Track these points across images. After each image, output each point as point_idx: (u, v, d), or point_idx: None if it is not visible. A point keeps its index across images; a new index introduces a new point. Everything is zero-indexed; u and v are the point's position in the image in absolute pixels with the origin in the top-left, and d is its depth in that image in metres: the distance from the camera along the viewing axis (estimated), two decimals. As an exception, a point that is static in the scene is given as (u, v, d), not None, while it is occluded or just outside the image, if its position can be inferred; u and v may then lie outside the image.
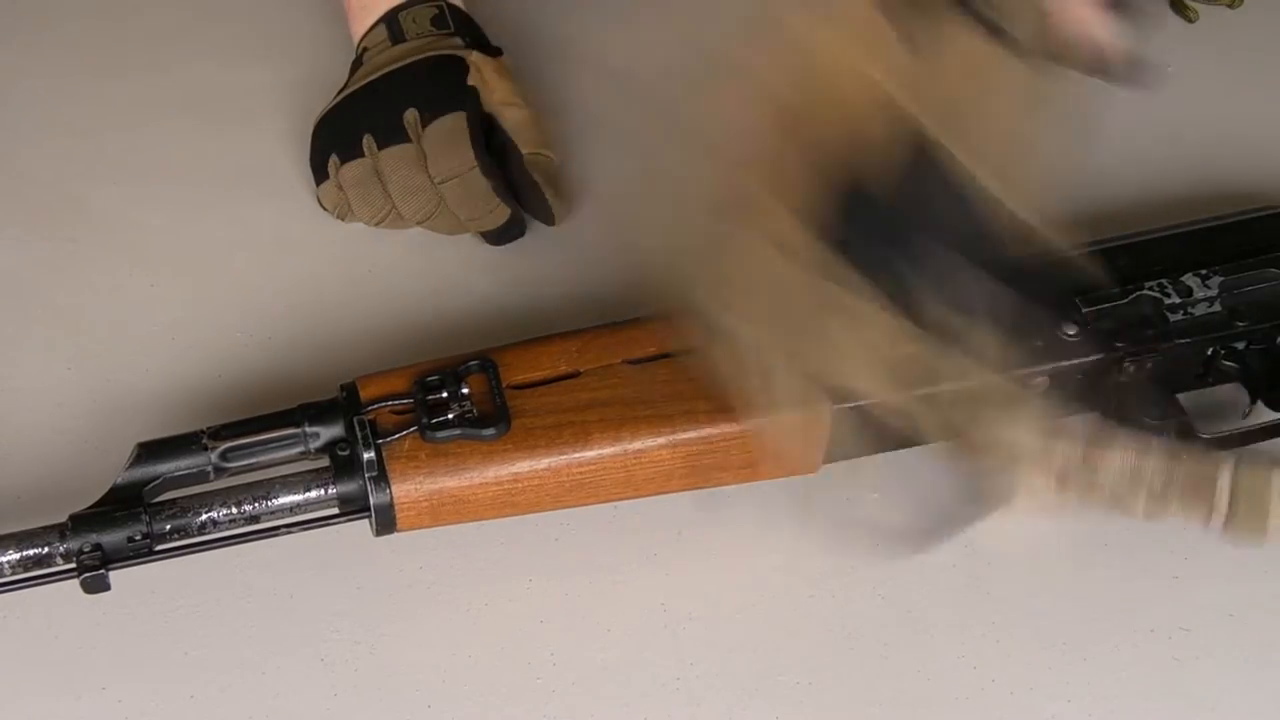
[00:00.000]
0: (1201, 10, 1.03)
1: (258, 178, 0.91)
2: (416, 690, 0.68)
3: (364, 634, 0.70)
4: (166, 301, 0.84)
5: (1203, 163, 0.93)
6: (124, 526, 0.66)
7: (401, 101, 0.85)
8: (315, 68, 0.96)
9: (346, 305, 0.84)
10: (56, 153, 0.92)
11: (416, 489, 0.68)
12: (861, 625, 0.71)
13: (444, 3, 0.89)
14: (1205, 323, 0.76)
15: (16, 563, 0.65)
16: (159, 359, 0.81)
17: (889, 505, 0.73)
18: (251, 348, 0.82)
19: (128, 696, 0.68)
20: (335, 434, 0.69)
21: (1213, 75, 1.00)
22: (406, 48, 0.87)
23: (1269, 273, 0.77)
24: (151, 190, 0.90)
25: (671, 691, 0.68)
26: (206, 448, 0.68)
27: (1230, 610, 0.72)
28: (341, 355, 0.80)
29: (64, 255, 0.86)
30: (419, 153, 0.84)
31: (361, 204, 0.85)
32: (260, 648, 0.70)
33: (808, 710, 0.68)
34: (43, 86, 0.96)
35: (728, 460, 0.70)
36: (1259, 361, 0.77)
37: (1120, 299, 0.76)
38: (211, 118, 0.94)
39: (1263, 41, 1.02)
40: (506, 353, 0.72)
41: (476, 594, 0.72)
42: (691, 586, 0.72)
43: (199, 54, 0.99)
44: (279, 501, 0.68)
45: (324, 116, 0.88)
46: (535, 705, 0.68)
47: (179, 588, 0.71)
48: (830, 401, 0.71)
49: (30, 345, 0.82)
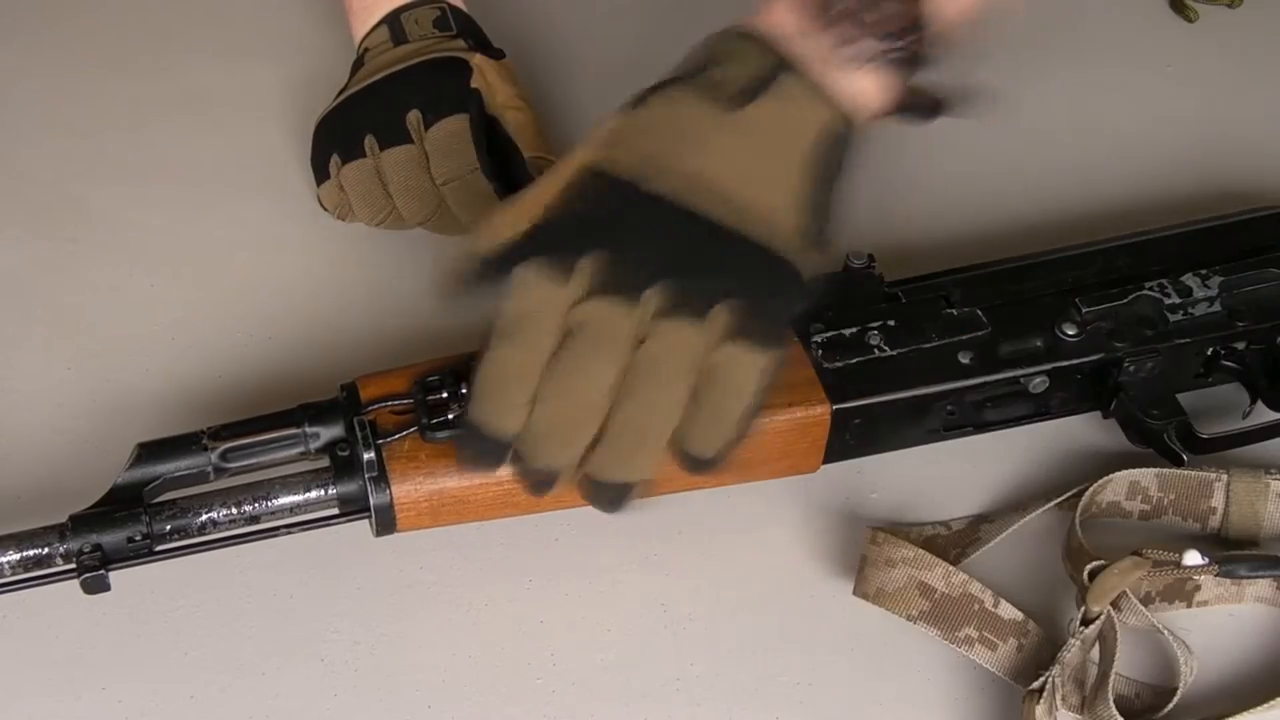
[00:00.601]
0: (1201, 10, 1.03)
1: (258, 178, 0.91)
2: (416, 690, 0.68)
3: (364, 634, 0.70)
4: (166, 301, 0.84)
5: (1203, 163, 0.93)
6: (124, 527, 0.66)
7: (404, 102, 0.84)
8: (315, 68, 0.96)
9: (346, 305, 0.84)
10: (56, 153, 0.92)
11: (417, 489, 0.68)
12: (861, 625, 0.71)
13: (446, 4, 0.89)
14: (1205, 323, 0.76)
15: (16, 563, 0.65)
16: (159, 359, 0.81)
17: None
18: (251, 348, 0.82)
19: (128, 696, 0.68)
20: (335, 434, 0.69)
21: (1213, 75, 1.00)
22: (409, 49, 0.87)
23: (1269, 273, 0.78)
24: (151, 190, 0.90)
25: (671, 691, 0.68)
26: (206, 448, 0.68)
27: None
28: (341, 355, 0.80)
29: (64, 255, 0.86)
30: (421, 154, 0.84)
31: (362, 204, 0.85)
32: (260, 648, 0.70)
33: (808, 710, 0.68)
34: (43, 86, 0.96)
35: (728, 460, 0.70)
36: (1259, 361, 0.77)
37: (1120, 299, 0.76)
38: (211, 118, 0.94)
39: (1263, 41, 1.02)
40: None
41: (476, 594, 0.72)
42: (691, 586, 0.72)
43: (199, 54, 0.99)
44: (279, 502, 0.68)
45: (325, 116, 0.88)
46: (535, 705, 0.68)
47: (179, 588, 0.71)
48: (830, 402, 0.71)
49: (30, 345, 0.82)
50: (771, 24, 0.65)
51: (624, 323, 0.61)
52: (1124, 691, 0.66)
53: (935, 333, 0.74)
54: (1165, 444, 0.73)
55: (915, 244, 0.87)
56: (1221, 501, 0.73)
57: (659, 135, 0.64)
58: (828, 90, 0.64)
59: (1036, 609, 0.70)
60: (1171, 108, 0.97)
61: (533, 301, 0.62)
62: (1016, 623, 0.68)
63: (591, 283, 0.61)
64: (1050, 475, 0.77)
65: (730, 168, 0.63)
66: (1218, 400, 0.79)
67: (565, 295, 0.62)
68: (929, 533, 0.74)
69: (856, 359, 0.73)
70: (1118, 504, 0.74)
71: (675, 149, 0.64)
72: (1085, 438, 0.78)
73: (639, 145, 0.64)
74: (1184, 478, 0.73)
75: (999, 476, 0.77)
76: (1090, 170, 0.93)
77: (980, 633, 0.68)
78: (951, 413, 0.75)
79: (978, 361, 0.74)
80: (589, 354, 0.61)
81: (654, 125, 0.64)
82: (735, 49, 0.65)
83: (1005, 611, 0.68)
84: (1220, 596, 0.71)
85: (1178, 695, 0.66)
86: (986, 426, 0.76)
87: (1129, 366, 0.75)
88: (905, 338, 0.74)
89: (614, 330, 0.61)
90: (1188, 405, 0.75)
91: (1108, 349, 0.75)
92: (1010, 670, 0.68)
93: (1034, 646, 0.68)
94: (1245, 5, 1.04)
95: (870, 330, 0.74)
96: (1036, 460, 0.77)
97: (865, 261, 0.77)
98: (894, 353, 0.73)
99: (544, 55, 0.96)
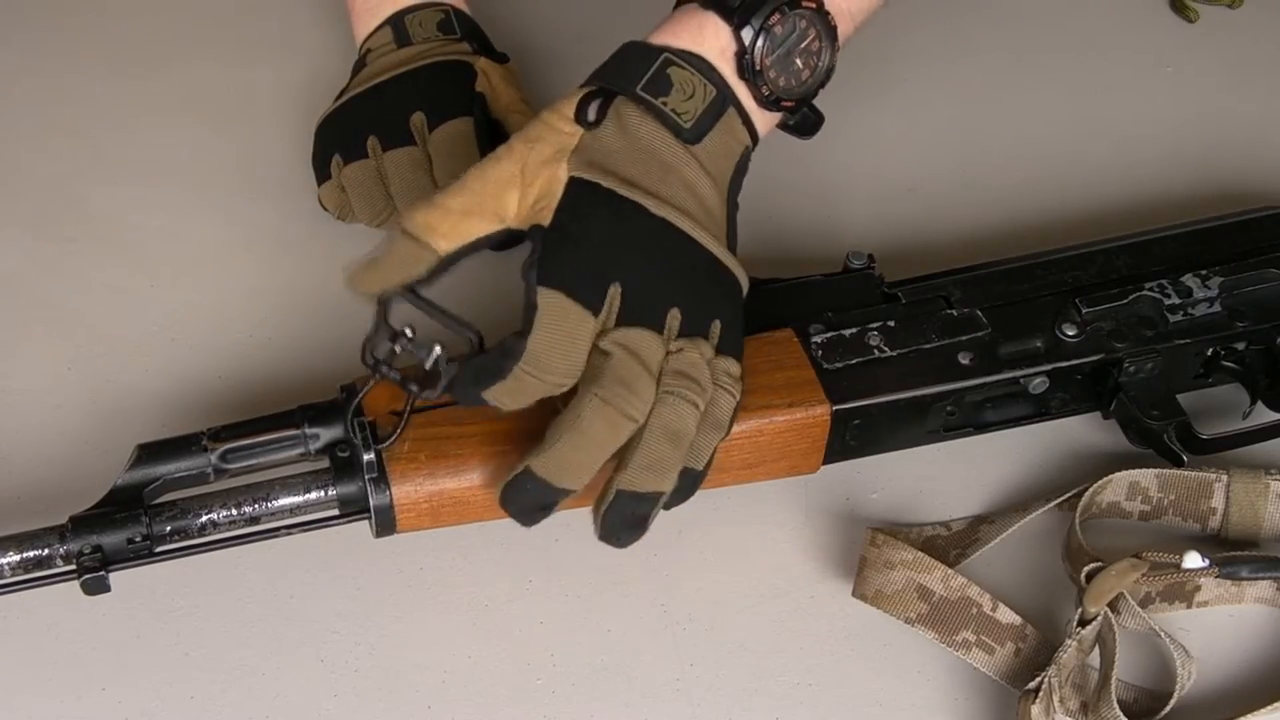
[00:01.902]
0: (1201, 10, 1.03)
1: (258, 178, 0.91)
2: (416, 690, 0.68)
3: (364, 634, 0.70)
4: (166, 301, 0.84)
5: (1203, 163, 0.93)
6: (124, 528, 0.66)
7: (409, 104, 0.85)
8: (316, 68, 0.96)
9: (347, 305, 0.83)
10: (56, 153, 0.92)
11: (416, 490, 0.68)
12: (861, 625, 0.71)
13: (450, 7, 0.89)
14: (1205, 323, 0.76)
15: (17, 564, 0.65)
16: (159, 359, 0.81)
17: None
18: (251, 348, 0.82)
19: (128, 697, 0.68)
20: (335, 435, 0.69)
21: (1213, 75, 1.00)
22: (413, 51, 0.87)
23: (1269, 273, 0.78)
24: (151, 190, 0.90)
25: (672, 692, 0.68)
26: (207, 449, 0.68)
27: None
28: (341, 355, 0.80)
29: (64, 255, 0.86)
30: (424, 156, 0.84)
31: (363, 204, 0.85)
32: (260, 648, 0.70)
33: (808, 710, 0.68)
34: (43, 86, 0.96)
35: (728, 460, 0.70)
36: (1259, 361, 0.77)
37: (1120, 299, 0.76)
38: (212, 118, 0.94)
39: (1263, 41, 1.02)
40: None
41: (476, 594, 0.72)
42: (691, 587, 0.72)
43: (199, 54, 0.99)
44: (279, 503, 0.68)
45: (328, 116, 0.88)
46: (535, 706, 0.68)
47: (179, 588, 0.71)
48: (829, 403, 0.71)
49: (30, 345, 0.82)
50: (706, 51, 0.68)
51: (657, 348, 0.65)
52: (1123, 696, 0.66)
53: (935, 333, 0.74)
54: (1165, 444, 0.73)
55: (915, 244, 0.87)
56: (1221, 502, 0.73)
57: (634, 162, 0.67)
58: (752, 123, 0.70)
59: (1036, 611, 0.70)
60: (1171, 108, 0.97)
61: (579, 345, 0.64)
62: (1015, 627, 0.68)
63: (620, 313, 0.65)
64: (1050, 476, 0.77)
65: (693, 199, 0.68)
66: (1218, 400, 0.79)
67: (597, 326, 0.65)
68: (929, 533, 0.74)
69: (856, 360, 0.73)
70: (1118, 504, 0.74)
71: (653, 177, 0.67)
72: (1085, 438, 0.78)
73: (623, 169, 0.67)
74: (1184, 478, 0.73)
75: (999, 477, 0.77)
76: (1090, 170, 0.93)
77: (978, 636, 0.68)
78: (951, 413, 0.75)
79: (978, 362, 0.74)
80: (637, 380, 0.64)
81: (626, 150, 0.67)
82: (683, 79, 0.68)
83: (1004, 616, 0.68)
84: (1220, 597, 0.71)
85: (1173, 700, 0.66)
86: (986, 427, 0.76)
87: (1129, 367, 0.75)
88: (905, 338, 0.74)
89: (650, 357, 0.65)
90: (1188, 405, 0.75)
91: (1108, 349, 0.75)
92: (1007, 674, 0.68)
93: (1032, 650, 0.68)
94: (1245, 5, 1.04)
95: (870, 331, 0.74)
96: (1036, 461, 0.77)
97: (865, 261, 0.77)
98: (894, 353, 0.73)
99: (544, 57, 0.96)
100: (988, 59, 1.00)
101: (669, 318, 0.66)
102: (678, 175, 0.67)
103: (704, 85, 0.68)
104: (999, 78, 0.99)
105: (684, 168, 0.67)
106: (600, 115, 0.68)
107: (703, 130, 0.68)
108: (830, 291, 0.76)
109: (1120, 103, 0.98)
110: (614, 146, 0.67)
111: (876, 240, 0.78)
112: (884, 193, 0.88)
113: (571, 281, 0.65)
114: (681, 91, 0.67)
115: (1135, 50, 1.01)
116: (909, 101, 0.97)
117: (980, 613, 0.68)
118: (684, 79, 0.68)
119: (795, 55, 0.69)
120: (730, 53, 0.68)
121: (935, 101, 0.97)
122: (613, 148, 0.67)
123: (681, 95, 0.67)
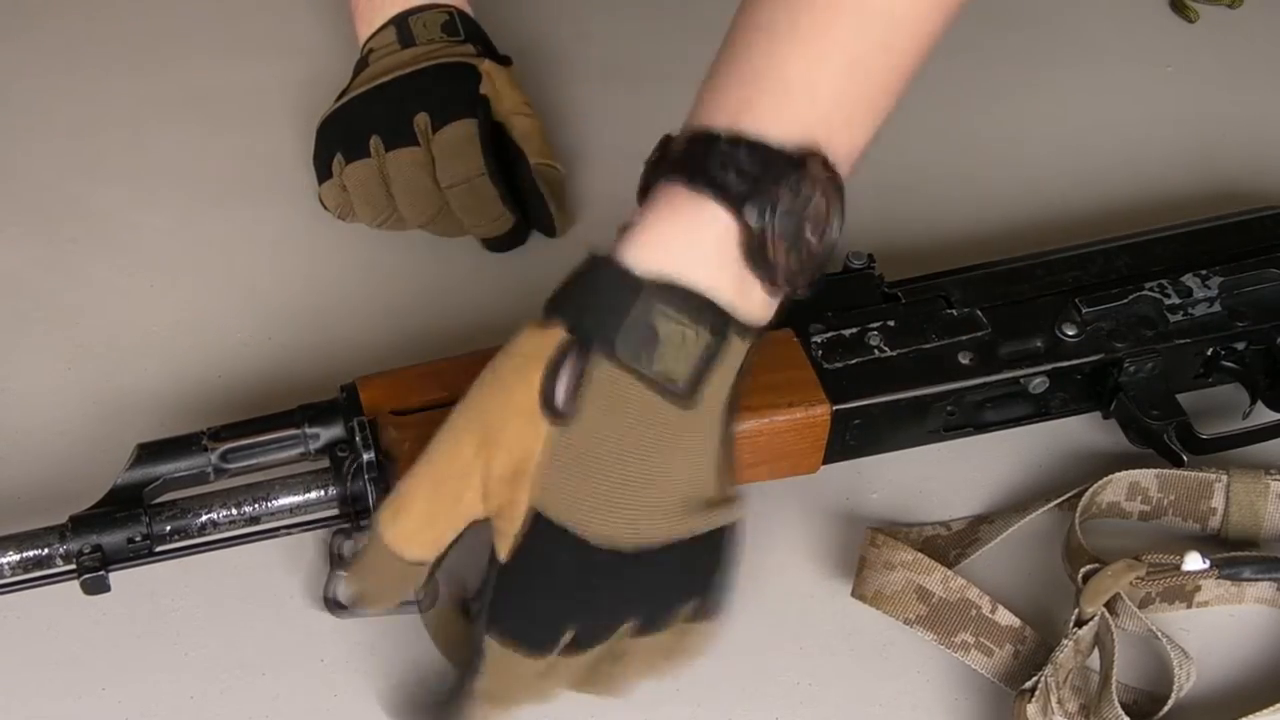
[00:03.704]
0: (1201, 10, 1.03)
1: (258, 178, 0.91)
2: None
3: (364, 634, 0.70)
4: (166, 301, 0.84)
5: (1203, 163, 0.93)
6: (124, 527, 0.66)
7: (412, 105, 0.85)
8: (317, 68, 0.96)
9: (346, 305, 0.84)
10: (56, 153, 0.92)
11: (416, 490, 0.68)
12: (861, 625, 0.71)
13: (454, 9, 0.89)
14: (1205, 323, 0.76)
15: (16, 564, 0.65)
16: (159, 359, 0.81)
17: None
18: (251, 348, 0.82)
19: (128, 697, 0.68)
20: (335, 435, 0.69)
21: (1213, 75, 1.00)
22: (417, 52, 0.87)
23: (1269, 273, 0.78)
24: (151, 190, 0.90)
25: (672, 691, 0.68)
26: (207, 449, 0.68)
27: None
28: (341, 355, 0.80)
29: (64, 255, 0.86)
30: (427, 156, 0.84)
31: (364, 204, 0.85)
32: (260, 648, 0.70)
33: (807, 710, 0.68)
34: (43, 86, 0.96)
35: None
36: (1259, 361, 0.77)
37: (1120, 299, 0.76)
38: (212, 118, 0.94)
39: (1263, 41, 1.02)
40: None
41: (476, 594, 0.72)
42: (691, 587, 0.72)
43: (199, 54, 0.99)
44: (279, 502, 0.68)
45: (330, 116, 0.88)
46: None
47: (179, 588, 0.71)
48: (830, 402, 0.71)
49: (30, 345, 0.82)
50: (703, 256, 0.58)
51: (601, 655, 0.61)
52: (1123, 699, 0.66)
53: (935, 333, 0.74)
54: (1165, 444, 0.73)
55: (915, 244, 0.87)
56: (1221, 502, 0.73)
57: (615, 467, 0.58)
58: (753, 329, 0.60)
59: (1035, 612, 0.70)
60: (1171, 108, 0.97)
61: (527, 683, 0.61)
62: (1013, 629, 0.68)
63: (571, 643, 0.60)
64: (1050, 476, 0.77)
65: (693, 466, 0.59)
66: (1218, 400, 0.79)
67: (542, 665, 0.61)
68: (928, 533, 0.74)
69: (856, 359, 0.73)
70: (1118, 505, 0.74)
71: (634, 484, 0.58)
72: (1085, 438, 0.78)
73: (597, 489, 0.58)
74: (1184, 478, 0.73)
75: (999, 477, 0.77)
76: (1090, 170, 0.93)
77: (977, 638, 0.68)
78: (951, 413, 0.75)
79: (978, 362, 0.74)
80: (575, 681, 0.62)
81: (604, 450, 0.58)
82: (671, 331, 0.57)
83: (1002, 618, 0.68)
84: (1221, 597, 0.71)
85: (1170, 702, 0.66)
86: (986, 427, 0.76)
87: (1129, 367, 0.75)
88: (905, 338, 0.74)
89: (593, 657, 0.61)
90: (1188, 405, 0.75)
91: (1108, 349, 0.75)
92: (1006, 676, 0.68)
93: (1030, 652, 0.68)
94: (1245, 5, 1.04)
95: (870, 331, 0.74)
96: (1036, 461, 0.77)
97: (865, 261, 0.77)
98: (894, 353, 0.73)
99: (544, 59, 0.96)
100: (988, 59, 1.00)
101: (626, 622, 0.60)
102: (670, 451, 0.59)
103: (695, 333, 0.57)
104: (999, 77, 0.99)
105: (678, 441, 0.58)
106: (572, 389, 0.58)
107: (698, 380, 0.58)
108: (830, 291, 0.76)
109: (1120, 103, 0.98)
110: (586, 448, 0.58)
111: (876, 240, 0.78)
112: (884, 193, 0.88)
113: (523, 633, 0.60)
114: (670, 343, 0.57)
115: (1135, 50, 1.01)
116: (909, 101, 0.96)
117: (979, 615, 0.68)
118: (672, 331, 0.57)
119: (805, 228, 0.59)
120: (732, 239, 0.58)
121: (935, 101, 0.96)
122: (586, 451, 0.58)
123: (671, 347, 0.57)
